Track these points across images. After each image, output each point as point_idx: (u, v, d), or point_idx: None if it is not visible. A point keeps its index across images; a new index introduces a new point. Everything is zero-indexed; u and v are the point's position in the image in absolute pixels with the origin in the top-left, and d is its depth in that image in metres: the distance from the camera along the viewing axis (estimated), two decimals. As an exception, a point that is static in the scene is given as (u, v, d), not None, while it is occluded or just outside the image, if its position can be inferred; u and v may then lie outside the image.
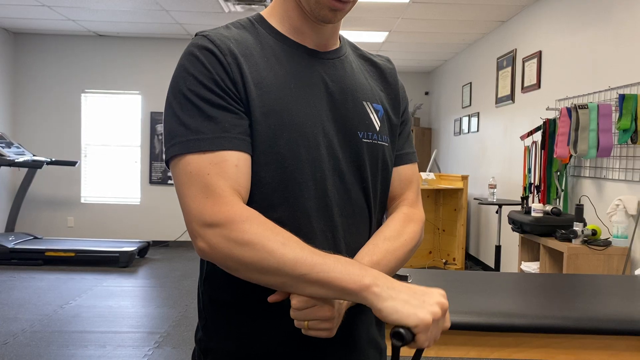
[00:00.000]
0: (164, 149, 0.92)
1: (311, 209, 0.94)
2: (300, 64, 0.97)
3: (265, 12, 1.02)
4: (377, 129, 1.03)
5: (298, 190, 0.93)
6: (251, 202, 0.91)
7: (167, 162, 0.92)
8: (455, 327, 1.67)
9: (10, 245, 6.06)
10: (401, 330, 0.80)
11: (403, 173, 1.09)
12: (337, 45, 1.04)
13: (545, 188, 4.18)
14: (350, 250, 0.98)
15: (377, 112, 1.04)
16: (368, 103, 1.03)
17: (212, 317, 0.99)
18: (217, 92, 0.89)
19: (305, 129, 0.94)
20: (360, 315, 1.00)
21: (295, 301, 0.86)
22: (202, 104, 0.89)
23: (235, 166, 0.88)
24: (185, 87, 0.90)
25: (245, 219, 0.85)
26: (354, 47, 1.11)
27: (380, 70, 1.11)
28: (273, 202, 0.92)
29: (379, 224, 1.06)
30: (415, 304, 0.80)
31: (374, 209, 1.03)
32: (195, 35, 0.96)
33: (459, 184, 6.13)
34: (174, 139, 0.89)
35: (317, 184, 0.94)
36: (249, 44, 0.95)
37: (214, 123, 0.88)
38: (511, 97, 5.43)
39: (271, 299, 0.89)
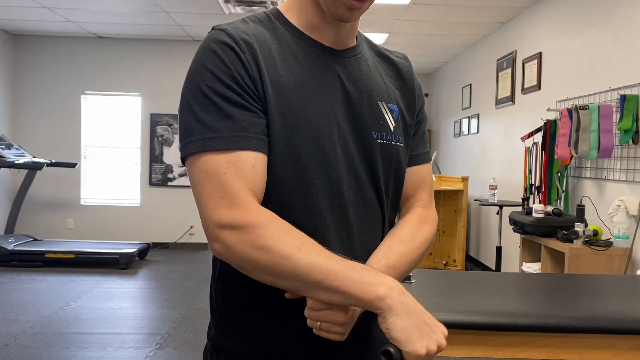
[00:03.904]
0: (179, 146, 0.91)
1: (326, 209, 0.94)
2: (316, 63, 0.96)
3: (282, 7, 1.01)
4: (392, 129, 1.02)
5: (314, 190, 0.92)
6: (267, 202, 0.90)
7: (183, 160, 0.90)
8: (459, 326, 1.66)
9: (10, 247, 6.05)
10: (391, 349, 0.83)
11: (416, 173, 1.09)
12: (354, 43, 1.03)
13: (546, 189, 4.19)
14: (365, 249, 0.98)
15: (392, 112, 1.03)
16: (383, 103, 1.02)
17: (226, 316, 0.98)
18: (235, 90, 0.88)
19: (322, 129, 0.93)
20: (375, 317, 1.00)
21: (310, 301, 0.86)
22: (221, 101, 0.87)
23: (252, 166, 0.87)
24: (204, 83, 0.88)
25: (261, 221, 0.84)
26: (371, 44, 1.10)
27: (397, 68, 1.10)
28: (289, 202, 0.91)
29: (391, 223, 1.06)
30: (419, 332, 0.82)
31: (387, 208, 1.03)
32: (213, 28, 0.94)
33: (459, 186, 6.14)
34: (190, 136, 0.88)
35: (333, 184, 0.94)
36: (266, 40, 0.94)
37: (231, 121, 0.87)
38: (511, 98, 5.44)
39: (288, 295, 0.90)
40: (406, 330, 0.82)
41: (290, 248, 0.83)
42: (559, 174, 4.15)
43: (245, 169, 0.86)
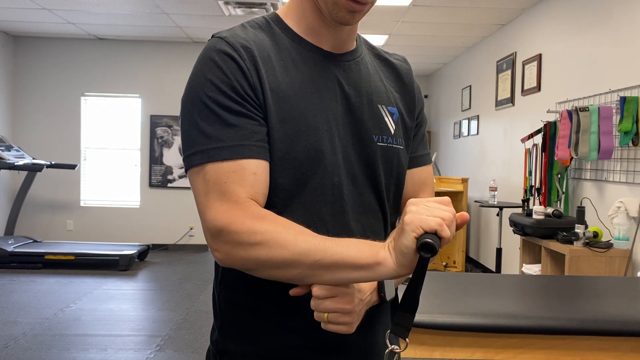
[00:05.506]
0: (182, 156, 0.92)
1: (328, 214, 0.94)
2: (316, 68, 0.97)
3: (281, 11, 1.01)
4: (392, 132, 1.02)
5: (314, 195, 0.93)
6: (269, 208, 0.91)
7: (186, 170, 0.92)
8: (460, 328, 1.66)
9: (9, 249, 6.04)
10: (426, 240, 0.75)
11: (417, 175, 1.09)
12: (354, 47, 1.03)
13: (546, 190, 4.19)
14: None
15: (392, 115, 1.03)
16: (383, 106, 1.02)
17: (229, 319, 0.99)
18: (236, 99, 0.89)
19: (322, 134, 0.93)
20: (379, 318, 1.01)
21: (316, 289, 0.86)
22: (222, 111, 0.88)
23: (254, 174, 0.88)
24: (204, 93, 0.89)
25: (257, 218, 0.85)
26: (370, 47, 1.10)
27: (397, 71, 1.10)
28: (290, 207, 0.92)
29: (393, 226, 1.06)
30: (426, 212, 0.78)
31: (388, 211, 1.04)
32: (212, 37, 0.94)
33: (459, 187, 6.14)
34: (193, 147, 0.89)
35: (334, 189, 0.94)
36: (266, 46, 0.94)
37: (233, 131, 0.88)
38: (511, 100, 5.44)
39: (293, 292, 0.89)
40: (399, 244, 0.78)
41: (286, 236, 0.83)
42: (559, 176, 4.15)
43: (246, 176, 0.87)
